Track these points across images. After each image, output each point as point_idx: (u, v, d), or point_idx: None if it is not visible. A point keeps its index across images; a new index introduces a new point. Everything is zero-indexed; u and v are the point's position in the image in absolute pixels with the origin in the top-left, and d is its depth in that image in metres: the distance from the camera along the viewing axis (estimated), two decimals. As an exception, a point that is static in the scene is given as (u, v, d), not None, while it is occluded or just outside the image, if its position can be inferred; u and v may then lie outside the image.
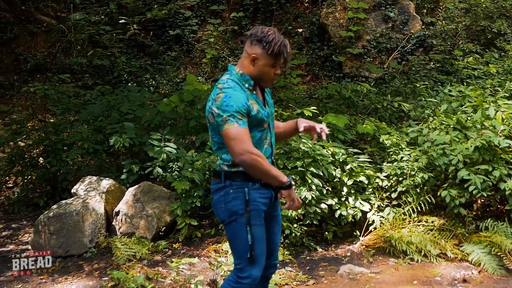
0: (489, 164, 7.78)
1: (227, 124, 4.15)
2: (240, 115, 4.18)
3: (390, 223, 8.13)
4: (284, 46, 4.36)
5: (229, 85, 4.32)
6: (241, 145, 4.11)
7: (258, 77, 4.42)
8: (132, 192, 8.74)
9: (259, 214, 4.41)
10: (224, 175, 4.43)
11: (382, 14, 15.44)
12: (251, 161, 4.12)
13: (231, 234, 4.46)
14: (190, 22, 17.44)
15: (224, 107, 4.17)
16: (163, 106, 9.81)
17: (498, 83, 10.66)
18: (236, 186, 4.37)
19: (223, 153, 4.43)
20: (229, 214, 4.39)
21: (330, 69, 15.33)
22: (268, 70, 4.38)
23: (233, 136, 4.12)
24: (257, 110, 4.37)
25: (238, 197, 4.35)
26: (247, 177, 4.36)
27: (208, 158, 8.52)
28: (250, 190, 4.36)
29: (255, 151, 4.15)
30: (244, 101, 4.25)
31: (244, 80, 4.40)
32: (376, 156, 9.29)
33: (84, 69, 15.39)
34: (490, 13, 14.50)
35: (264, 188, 4.44)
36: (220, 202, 4.43)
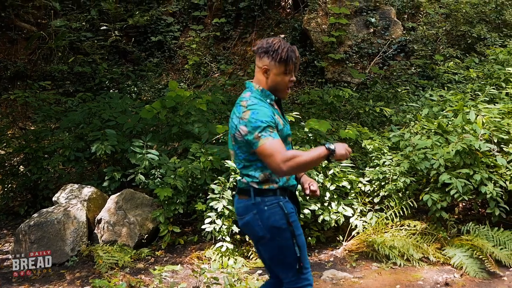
0: (470, 168, 7.84)
1: (261, 140, 4.11)
2: (271, 128, 4.16)
3: (373, 228, 8.17)
4: (292, 51, 4.34)
5: (253, 101, 4.29)
6: (278, 159, 4.06)
7: (274, 88, 4.40)
8: (114, 200, 8.72)
9: (297, 223, 4.42)
10: (254, 192, 4.37)
11: (364, 19, 15.52)
12: (294, 166, 4.08)
13: (278, 250, 4.39)
14: (172, 28, 17.46)
15: (253, 124, 4.14)
16: (145, 112, 9.79)
17: (479, 87, 10.74)
18: (269, 202, 4.33)
19: (251, 170, 4.38)
20: (270, 230, 4.33)
21: (312, 75, 15.38)
22: (282, 79, 4.36)
23: (269, 152, 4.08)
24: (283, 124, 4.38)
25: (276, 213, 4.31)
26: (277, 193, 4.35)
27: (190, 165, 8.52)
28: (284, 203, 4.34)
29: (289, 155, 4.08)
30: (271, 115, 4.23)
31: (265, 96, 4.39)
32: (358, 161, 9.33)
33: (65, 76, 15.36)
34: (470, 18, 14.61)
35: (291, 202, 4.45)
36: (255, 220, 4.36)
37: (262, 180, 4.33)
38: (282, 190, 4.38)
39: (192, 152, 8.82)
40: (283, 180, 4.37)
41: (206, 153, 8.63)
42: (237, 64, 16.89)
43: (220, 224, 7.81)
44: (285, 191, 4.41)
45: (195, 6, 17.94)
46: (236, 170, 7.96)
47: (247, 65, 16.42)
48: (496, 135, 8.18)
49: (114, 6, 16.73)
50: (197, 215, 8.55)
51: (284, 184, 4.39)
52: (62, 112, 11.84)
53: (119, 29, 16.75)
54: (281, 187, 4.36)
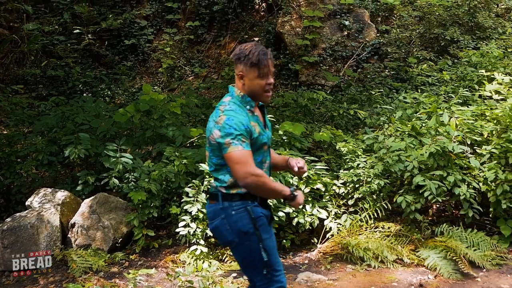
0: (443, 169, 7.90)
1: (230, 147, 4.15)
2: (243, 137, 4.18)
3: (347, 230, 8.19)
4: (263, 54, 4.34)
5: (230, 107, 4.32)
6: (245, 169, 4.12)
7: (252, 93, 4.40)
8: (88, 204, 8.67)
9: (266, 227, 4.44)
10: (222, 197, 4.41)
11: (338, 22, 15.56)
12: (257, 184, 4.16)
13: (246, 254, 4.43)
14: (145, 31, 17.42)
15: (227, 130, 4.18)
16: (119, 116, 9.76)
17: (452, 89, 10.82)
18: (236, 206, 4.36)
19: (220, 174, 4.41)
20: (238, 235, 4.36)
21: (286, 78, 15.39)
22: (257, 83, 4.35)
23: (237, 160, 4.13)
24: (259, 132, 4.38)
25: (243, 217, 4.34)
26: (245, 198, 4.37)
27: (164, 168, 8.50)
28: (252, 208, 4.36)
29: (258, 172, 4.18)
30: (246, 123, 4.25)
31: (245, 102, 4.41)
32: (332, 163, 9.35)
33: (38, 79, 15.24)
34: (443, 21, 14.69)
35: (261, 207, 4.46)
36: (223, 224, 4.39)
37: (230, 184, 4.36)
38: (251, 195, 4.39)
39: (166, 155, 8.81)
40: None
41: (180, 157, 8.63)
42: (211, 67, 16.88)
43: (195, 227, 7.80)
44: (255, 196, 4.41)
45: (169, 9, 17.90)
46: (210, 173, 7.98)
47: (221, 68, 16.40)
48: (470, 137, 8.26)
49: (87, 10, 16.65)
50: (171, 218, 8.52)
51: None
52: (35, 116, 11.74)
53: (92, 32, 16.66)
54: (249, 193, 4.36)
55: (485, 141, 8.39)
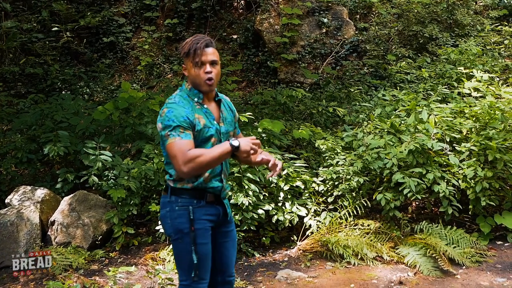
0: (423, 167, 7.94)
1: (169, 139, 4.14)
2: (182, 128, 4.16)
3: (327, 227, 8.21)
4: (196, 42, 4.35)
5: (174, 100, 4.32)
6: (180, 160, 4.07)
7: (194, 83, 4.39)
8: (68, 201, 8.65)
9: (205, 233, 4.39)
10: (170, 190, 4.42)
11: (316, 20, 15.57)
12: (195, 167, 4.10)
13: (177, 251, 4.44)
14: (124, 29, 17.32)
15: (166, 122, 4.17)
16: (98, 114, 9.73)
17: (431, 87, 10.87)
18: (181, 203, 4.35)
19: (170, 168, 4.42)
20: (175, 231, 4.37)
21: (265, 75, 15.38)
22: (195, 72, 4.34)
23: (173, 153, 4.10)
24: (204, 124, 4.34)
25: (183, 215, 4.34)
26: (192, 194, 4.37)
27: (144, 166, 8.48)
28: (195, 208, 4.34)
29: (191, 155, 4.08)
30: (186, 114, 4.22)
31: (193, 95, 4.40)
32: (312, 161, 9.36)
33: (16, 77, 15.12)
34: (422, 18, 14.74)
35: (210, 206, 4.44)
36: (166, 217, 4.41)
37: (177, 178, 4.38)
38: (199, 192, 4.40)
39: (146, 153, 8.80)
40: (200, 181, 4.36)
41: (159, 154, 8.62)
42: (190, 64, 16.81)
43: (174, 225, 7.77)
44: (203, 193, 4.42)
45: (147, 7, 17.82)
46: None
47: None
48: (449, 134, 8.30)
49: (65, 7, 16.54)
50: (151, 216, 8.52)
51: (201, 185, 4.39)
52: (14, 113, 11.72)
53: (71, 30, 16.53)
54: (196, 188, 4.38)
55: (464, 139, 8.44)
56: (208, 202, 4.42)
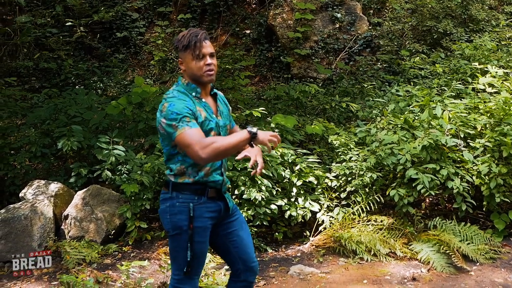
0: (436, 163, 7.92)
1: (178, 130, 4.14)
2: (188, 118, 4.18)
3: (340, 223, 8.20)
4: (194, 35, 4.39)
5: (173, 94, 4.35)
6: (196, 147, 4.07)
7: (193, 77, 4.42)
8: (81, 196, 8.68)
9: (203, 231, 4.43)
10: (171, 185, 4.44)
11: (329, 15, 15.53)
12: (213, 153, 4.08)
13: (173, 246, 4.47)
14: (137, 24, 17.32)
15: (170, 116, 4.18)
16: (111, 108, 9.74)
17: (445, 82, 10.82)
18: (182, 199, 4.38)
19: (171, 163, 4.44)
20: (173, 227, 4.40)
21: (278, 70, 15.37)
22: (195, 65, 4.36)
23: (187, 142, 4.10)
24: (205, 117, 4.37)
25: (183, 212, 4.36)
26: (193, 190, 4.39)
27: (157, 161, 8.50)
28: (195, 206, 4.37)
29: (207, 141, 4.10)
30: (189, 106, 4.26)
31: (190, 89, 4.43)
32: (325, 156, 9.35)
33: (30, 72, 15.17)
34: (436, 13, 14.67)
35: (211, 202, 4.46)
36: (165, 212, 4.44)
37: (178, 172, 4.40)
38: (200, 186, 4.42)
39: (159, 147, 8.82)
40: (200, 175, 4.39)
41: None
42: (202, 60, 16.80)
43: (187, 220, 7.78)
44: (204, 187, 4.44)
45: (160, 2, 17.81)
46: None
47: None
48: (463, 130, 8.27)
49: (79, 2, 16.55)
50: (163, 211, 8.52)
51: (202, 179, 4.41)
52: (28, 108, 11.73)
53: (84, 25, 16.55)
54: (197, 182, 4.40)
55: (479, 135, 8.41)
56: (209, 197, 4.44)
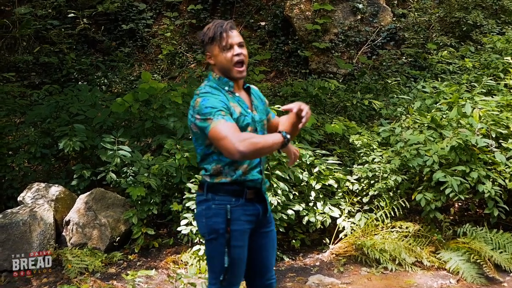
0: (466, 165, 7.81)
1: (212, 123, 4.07)
2: (224, 112, 4.12)
3: (362, 230, 8.15)
4: (219, 26, 4.39)
5: (206, 90, 4.30)
6: (232, 140, 3.97)
7: (223, 71, 4.38)
8: (84, 200, 8.64)
9: (241, 235, 4.35)
10: (206, 186, 4.38)
11: (350, 5, 15.45)
12: (249, 148, 3.96)
13: (209, 252, 4.42)
14: (144, 15, 17.30)
15: (204, 110, 4.13)
16: (116, 106, 9.70)
17: (475, 78, 10.73)
18: (218, 201, 4.32)
19: (206, 163, 4.38)
20: (209, 230, 4.33)
21: (295, 65, 15.32)
22: (224, 57, 4.34)
23: (224, 134, 4.01)
24: (240, 112, 4.32)
25: (219, 214, 4.29)
26: (230, 191, 4.32)
27: (165, 162, 8.45)
28: (232, 208, 4.30)
29: (244, 135, 4.04)
30: (224, 101, 4.21)
31: (223, 84, 4.39)
32: (345, 157, 9.31)
33: (30, 67, 15.18)
34: (465, 4, 14.59)
35: (249, 204, 4.39)
36: (201, 215, 4.39)
37: (214, 172, 4.33)
38: (238, 187, 4.34)
39: (167, 148, 8.77)
40: (238, 174, 4.32)
41: (182, 150, 8.58)
42: (214, 53, 16.77)
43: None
44: (242, 187, 4.36)
45: (169, -9, 17.84)
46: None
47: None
48: (494, 130, 8.16)
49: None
50: (172, 216, 8.49)
51: (240, 177, 4.33)
52: (27, 105, 11.73)
53: (88, 16, 16.54)
54: (235, 182, 4.33)
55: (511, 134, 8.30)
56: (247, 199, 4.37)
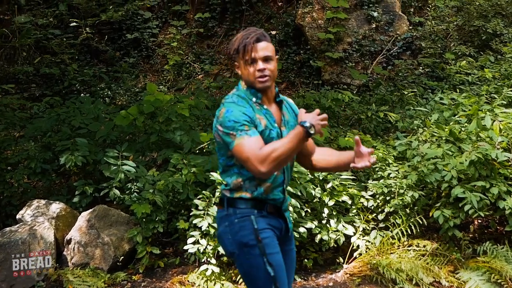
0: (486, 180, 7.81)
1: (236, 140, 4.10)
2: (247, 126, 4.13)
3: (377, 248, 8.14)
4: (246, 38, 4.33)
5: (232, 99, 4.33)
6: (255, 161, 4.02)
7: (248, 83, 4.38)
8: (86, 217, 8.65)
9: (272, 241, 4.33)
10: (226, 201, 4.40)
11: (365, 13, 15.49)
12: (272, 166, 4.03)
13: (246, 268, 4.36)
14: (150, 24, 17.39)
15: (227, 123, 4.15)
16: (120, 119, 9.73)
17: (495, 89, 10.72)
18: (240, 214, 4.31)
19: (227, 176, 4.41)
20: (238, 246, 4.30)
21: (307, 76, 15.35)
22: (247, 71, 4.33)
23: (246, 155, 4.05)
24: (265, 125, 4.31)
25: (245, 227, 4.29)
26: (252, 204, 4.33)
27: (171, 178, 8.47)
28: (257, 218, 4.30)
29: (264, 153, 4.03)
30: (248, 113, 4.21)
31: (251, 94, 4.39)
32: (360, 173, 9.30)
33: (30, 78, 15.24)
34: (485, 12, 14.61)
35: (272, 217, 4.40)
36: (226, 233, 4.37)
37: (234, 187, 4.35)
38: (259, 203, 4.34)
39: (173, 163, 8.78)
40: (260, 191, 4.32)
41: (188, 165, 8.59)
42: (222, 64, 16.84)
43: (205, 244, 7.75)
44: (263, 204, 4.36)
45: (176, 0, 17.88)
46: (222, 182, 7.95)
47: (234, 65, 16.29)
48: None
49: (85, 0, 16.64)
50: (178, 234, 8.50)
51: (261, 195, 4.33)
52: (27, 119, 11.78)
53: (91, 25, 16.62)
54: (256, 199, 4.33)
55: (534, 148, 8.33)
56: (269, 212, 4.38)
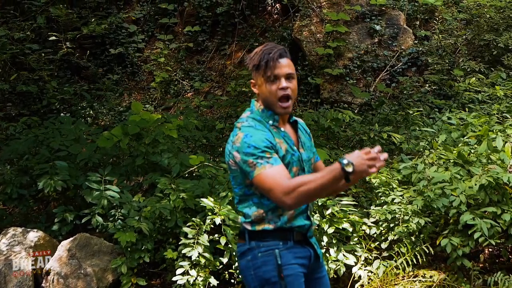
0: (497, 206, 7.84)
1: (256, 169, 4.07)
2: (269, 153, 4.10)
3: (380, 279, 8.15)
4: (267, 53, 4.33)
5: (249, 123, 4.30)
6: (280, 191, 3.97)
7: (266, 103, 4.36)
8: (66, 247, 8.66)
9: (297, 280, 4.30)
10: (248, 235, 4.36)
11: (367, 27, 15.55)
12: (298, 199, 3.97)
13: None
14: (135, 38, 17.42)
15: (246, 149, 4.12)
16: (103, 140, 9.74)
17: (507, 108, 10.76)
18: (264, 248, 4.29)
19: (245, 207, 4.36)
20: (260, 282, 4.28)
21: (305, 94, 15.38)
22: (267, 89, 4.30)
23: (269, 185, 4.01)
24: (286, 150, 4.30)
25: (268, 262, 4.26)
26: (276, 235, 4.30)
27: (158, 204, 8.47)
28: (281, 252, 4.27)
29: (292, 184, 3.95)
30: (268, 138, 4.18)
31: (267, 117, 4.37)
32: (362, 198, 9.32)
33: (6, 96, 15.23)
34: (496, 25, 14.63)
35: (299, 246, 4.38)
36: (248, 268, 4.34)
37: (255, 219, 4.30)
38: (284, 232, 4.32)
39: (160, 188, 8.78)
40: (283, 220, 4.29)
41: (177, 190, 8.60)
42: (214, 81, 16.86)
43: (195, 275, 7.76)
44: (289, 233, 4.34)
45: (163, 12, 17.86)
46: (214, 210, 7.95)
47: (226, 83, 16.35)
48: (529, 166, 8.22)
49: (65, 12, 16.59)
50: (166, 264, 8.50)
51: (285, 224, 4.30)
52: (2, 140, 11.77)
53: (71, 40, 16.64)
54: (280, 229, 4.30)
55: (548, 171, 8.37)
56: (295, 241, 4.35)
